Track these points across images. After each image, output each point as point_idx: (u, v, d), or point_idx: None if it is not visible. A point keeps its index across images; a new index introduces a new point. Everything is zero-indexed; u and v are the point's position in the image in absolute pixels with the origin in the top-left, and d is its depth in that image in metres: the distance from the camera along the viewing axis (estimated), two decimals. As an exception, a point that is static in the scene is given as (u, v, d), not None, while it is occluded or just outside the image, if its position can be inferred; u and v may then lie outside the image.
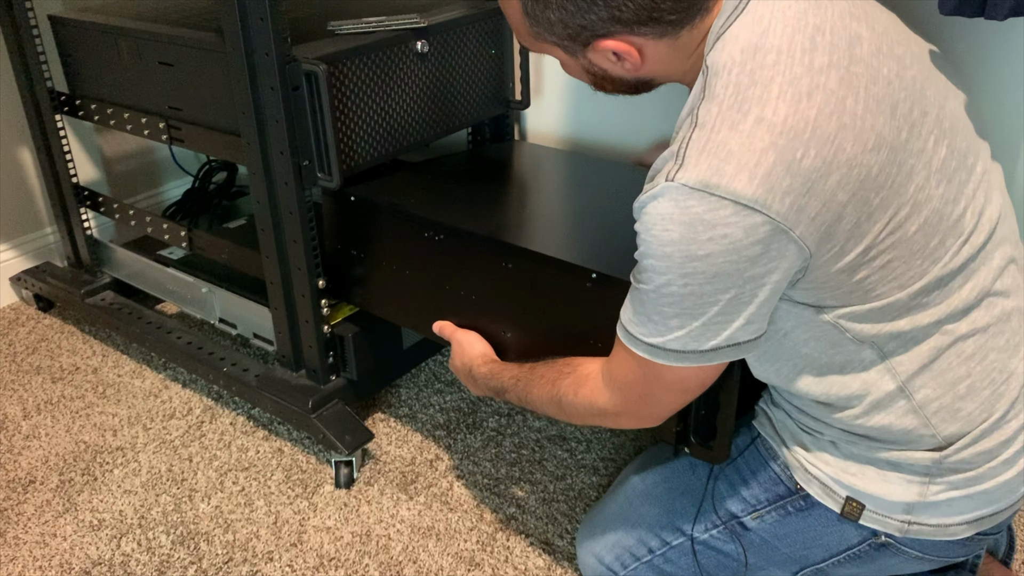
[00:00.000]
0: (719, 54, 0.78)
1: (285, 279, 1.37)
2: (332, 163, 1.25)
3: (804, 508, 0.96)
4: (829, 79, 0.75)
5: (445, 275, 1.22)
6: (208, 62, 1.30)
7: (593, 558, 1.13)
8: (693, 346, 0.81)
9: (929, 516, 0.90)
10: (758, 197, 0.72)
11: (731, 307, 0.78)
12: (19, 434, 1.54)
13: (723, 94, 0.75)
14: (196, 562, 1.28)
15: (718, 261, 0.75)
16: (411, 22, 1.33)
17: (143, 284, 1.74)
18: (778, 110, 0.73)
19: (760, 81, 0.74)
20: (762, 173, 0.72)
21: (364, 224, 1.29)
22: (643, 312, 0.83)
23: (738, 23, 0.78)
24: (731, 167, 0.73)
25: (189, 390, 1.64)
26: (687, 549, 1.05)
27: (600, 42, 0.82)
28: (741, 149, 0.73)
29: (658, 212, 0.76)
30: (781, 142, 0.72)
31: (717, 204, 0.73)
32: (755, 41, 0.76)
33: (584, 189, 1.34)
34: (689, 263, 0.76)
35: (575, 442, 1.49)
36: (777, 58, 0.75)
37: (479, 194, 1.32)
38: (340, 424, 1.39)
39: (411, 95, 1.36)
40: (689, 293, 0.78)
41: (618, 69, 0.86)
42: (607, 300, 1.04)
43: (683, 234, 0.75)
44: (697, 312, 0.79)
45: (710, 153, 0.74)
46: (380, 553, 1.28)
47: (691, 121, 0.77)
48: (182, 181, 2.14)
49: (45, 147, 1.71)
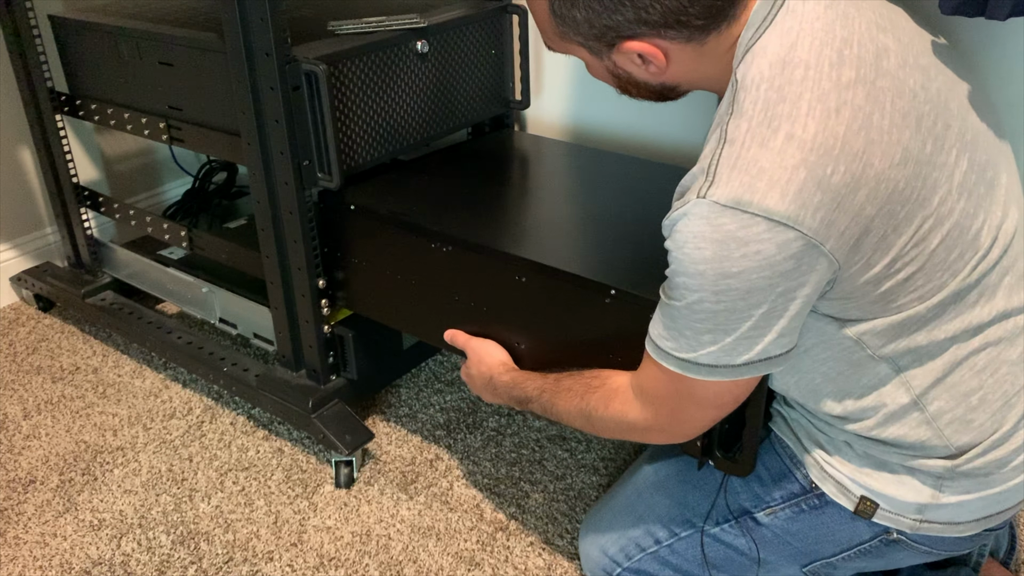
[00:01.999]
0: (748, 68, 0.78)
1: (285, 279, 1.37)
2: (332, 163, 1.25)
3: (818, 506, 0.97)
4: (856, 95, 0.75)
5: (455, 287, 1.20)
6: (208, 62, 1.30)
7: (597, 549, 1.13)
8: (725, 360, 0.81)
9: (941, 515, 0.91)
10: (791, 213, 0.73)
11: (764, 322, 0.78)
12: (19, 434, 1.54)
13: (752, 110, 0.75)
14: (196, 562, 1.28)
15: (752, 277, 0.75)
16: (411, 22, 1.33)
17: (143, 284, 1.74)
18: (807, 127, 0.73)
19: (789, 98, 0.74)
20: (794, 190, 0.73)
21: (366, 235, 1.28)
22: (674, 328, 0.83)
23: (767, 35, 0.78)
24: (763, 184, 0.73)
25: (189, 390, 1.64)
26: (696, 541, 1.05)
27: (625, 43, 0.82)
28: (772, 166, 0.73)
29: (690, 230, 0.76)
30: (812, 159, 0.73)
31: (750, 221, 0.73)
32: (783, 55, 0.76)
33: (593, 187, 1.33)
34: (722, 280, 0.76)
35: (575, 442, 1.49)
36: (805, 73, 0.75)
37: (484, 196, 1.30)
38: (340, 424, 1.39)
39: (411, 95, 1.36)
40: (722, 309, 0.78)
41: (643, 73, 0.86)
42: (626, 317, 1.03)
43: (716, 252, 0.75)
44: (730, 328, 0.79)
45: (741, 170, 0.74)
46: (380, 553, 1.29)
47: (720, 136, 0.77)
48: (182, 181, 2.14)
49: (45, 147, 1.71)
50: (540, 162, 1.46)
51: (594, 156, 1.45)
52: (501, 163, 1.45)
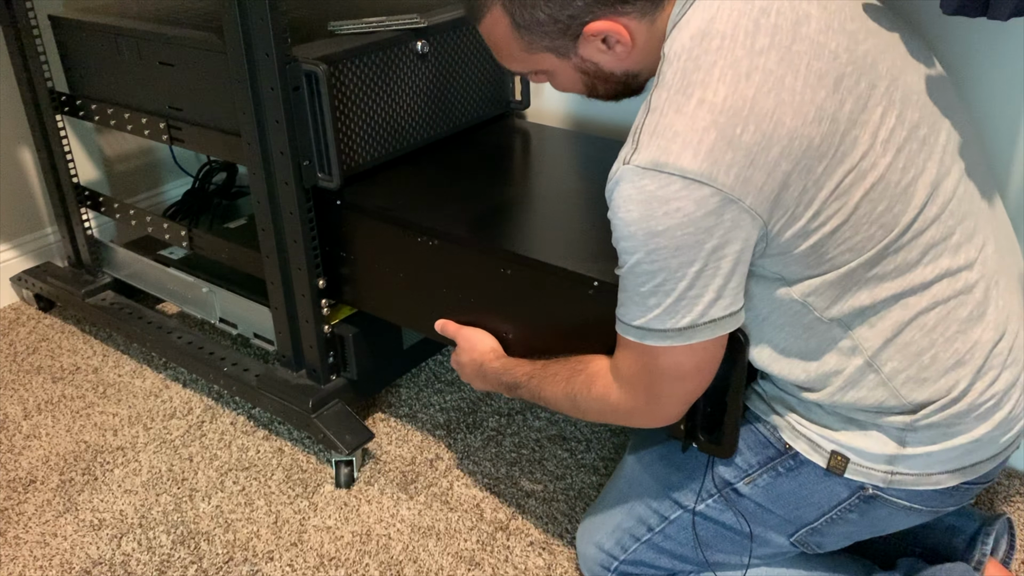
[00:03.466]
0: (672, 43, 0.84)
1: (285, 279, 1.37)
2: (332, 163, 1.25)
3: (793, 467, 0.99)
4: (769, 59, 0.80)
5: (443, 279, 1.21)
6: (208, 62, 1.30)
7: (593, 547, 1.14)
8: (671, 323, 0.85)
9: (911, 466, 0.93)
10: (703, 171, 0.78)
11: (699, 281, 0.83)
12: (20, 434, 1.54)
13: (672, 80, 0.81)
14: (196, 562, 1.28)
15: (677, 235, 0.80)
16: (411, 22, 1.33)
17: (144, 284, 1.74)
18: (718, 91, 0.79)
19: (703, 66, 0.80)
20: (705, 149, 0.78)
21: (363, 233, 1.29)
22: (625, 295, 0.88)
23: (691, 11, 0.84)
24: (677, 146, 0.78)
25: (189, 390, 1.64)
26: (685, 523, 1.07)
27: (588, 26, 0.86)
28: (685, 129, 0.79)
29: (620, 195, 0.82)
30: (721, 120, 0.78)
31: (667, 180, 0.79)
32: (703, 27, 0.82)
33: (586, 178, 1.34)
34: (652, 239, 0.81)
35: (575, 442, 1.49)
36: (721, 43, 0.80)
37: (475, 188, 1.31)
38: (340, 424, 1.40)
39: (411, 95, 1.36)
40: (657, 269, 0.82)
41: (609, 60, 0.90)
42: (609, 308, 1.03)
43: (641, 212, 0.80)
44: (668, 288, 0.83)
45: (658, 135, 0.80)
46: (380, 553, 1.29)
47: (645, 107, 0.83)
48: (182, 181, 2.14)
49: (46, 147, 1.71)
50: (538, 151, 1.47)
51: (594, 145, 1.46)
52: (498, 154, 1.46)
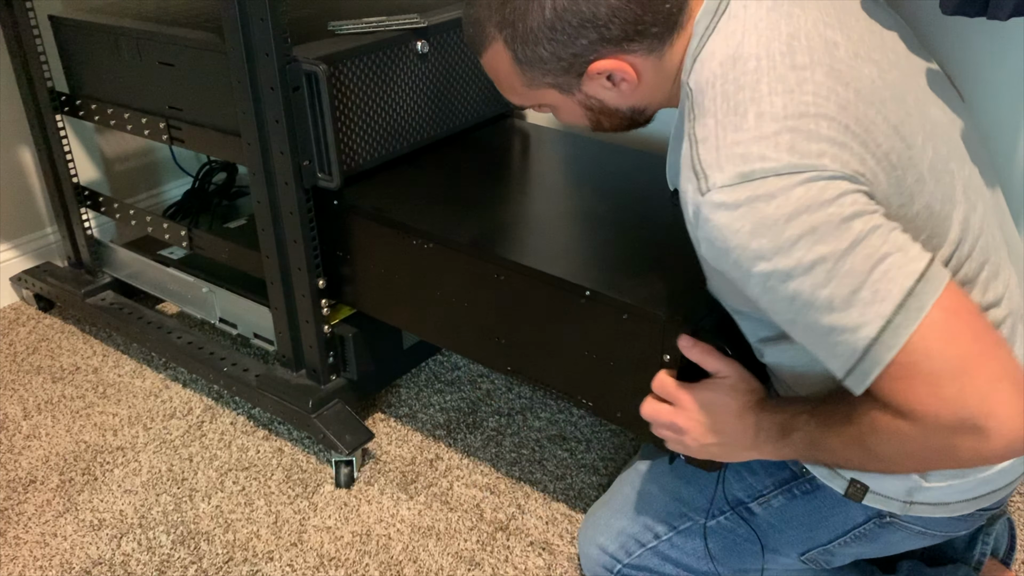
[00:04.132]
0: (698, 74, 0.79)
1: (285, 279, 1.37)
2: (332, 163, 1.25)
3: (809, 491, 0.97)
4: (815, 73, 0.75)
5: (438, 283, 1.21)
6: (208, 62, 1.30)
7: (596, 548, 1.14)
8: (887, 308, 0.69)
9: (929, 497, 0.91)
10: (794, 163, 0.71)
11: (866, 247, 0.70)
12: (19, 434, 1.54)
13: (713, 107, 0.76)
14: (196, 562, 1.28)
15: (804, 218, 0.70)
16: (411, 22, 1.33)
17: (143, 284, 1.74)
18: (774, 103, 0.73)
19: (747, 85, 0.75)
20: (785, 148, 0.71)
21: (362, 233, 1.29)
22: (820, 333, 0.73)
23: (711, 41, 0.80)
24: (754, 153, 0.72)
25: (189, 390, 1.64)
26: (695, 533, 1.06)
27: (593, 65, 0.83)
28: (754, 139, 0.72)
29: (717, 226, 0.73)
30: (790, 123, 0.72)
31: (761, 183, 0.71)
32: (732, 53, 0.78)
33: (584, 181, 1.34)
34: (782, 237, 0.70)
35: (575, 442, 1.49)
36: (758, 64, 0.76)
37: (473, 190, 1.31)
38: (340, 424, 1.39)
39: (411, 95, 1.36)
40: (811, 263, 0.70)
41: (614, 96, 0.87)
42: (600, 317, 1.04)
43: (754, 220, 0.71)
44: (842, 274, 0.70)
45: (727, 154, 0.73)
46: (380, 553, 1.29)
47: (689, 142, 0.77)
48: (182, 181, 2.14)
49: (45, 147, 1.71)
50: (538, 153, 1.47)
51: (593, 148, 1.46)
52: (498, 155, 1.46)
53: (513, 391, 1.61)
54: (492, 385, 1.63)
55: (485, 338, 1.19)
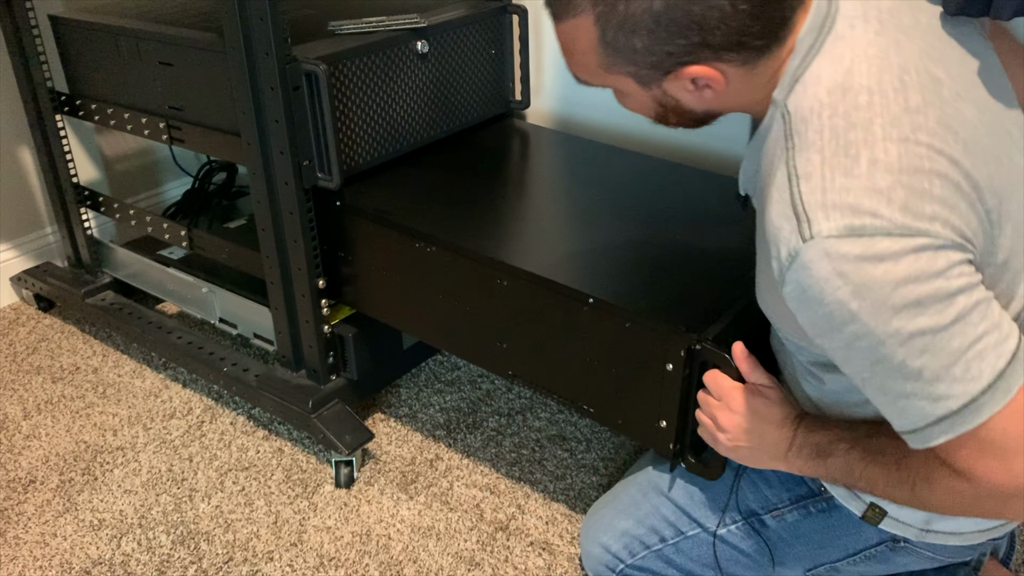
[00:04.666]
0: (800, 98, 0.75)
1: (285, 279, 1.37)
2: (332, 163, 1.25)
3: (825, 509, 0.96)
4: (928, 119, 0.71)
5: (439, 285, 1.21)
6: (208, 62, 1.30)
7: (599, 546, 1.13)
8: (974, 388, 0.70)
9: (946, 526, 0.91)
10: (907, 224, 0.68)
11: (966, 327, 0.69)
12: (19, 434, 1.54)
13: (820, 141, 0.72)
14: (196, 562, 1.28)
15: (909, 289, 0.68)
16: (411, 22, 1.33)
17: (143, 284, 1.74)
18: (889, 151, 0.70)
19: (859, 124, 0.71)
20: (899, 205, 0.68)
21: (354, 230, 1.29)
22: (891, 398, 0.73)
23: (817, 62, 0.75)
24: (866, 206, 0.68)
25: (189, 390, 1.64)
26: (702, 541, 1.05)
27: (685, 69, 0.77)
28: (866, 190, 0.69)
29: (816, 277, 0.70)
30: (904, 179, 0.69)
31: (871, 241, 0.68)
32: (840, 81, 0.73)
33: (587, 184, 1.34)
34: (883, 306, 0.68)
35: (575, 442, 1.49)
36: (870, 99, 0.72)
37: (478, 194, 1.31)
38: (340, 424, 1.39)
39: (411, 95, 1.36)
40: (908, 336, 0.69)
41: (693, 99, 0.81)
42: (603, 325, 1.03)
43: (857, 282, 0.68)
44: (937, 350, 0.69)
45: (836, 201, 0.69)
46: (380, 553, 1.29)
47: (788, 173, 0.73)
48: (182, 181, 2.14)
49: (45, 147, 1.71)
50: (537, 154, 1.47)
51: (595, 151, 1.46)
52: (498, 156, 1.46)
53: (513, 391, 1.61)
54: (492, 385, 1.63)
55: (486, 342, 1.19)
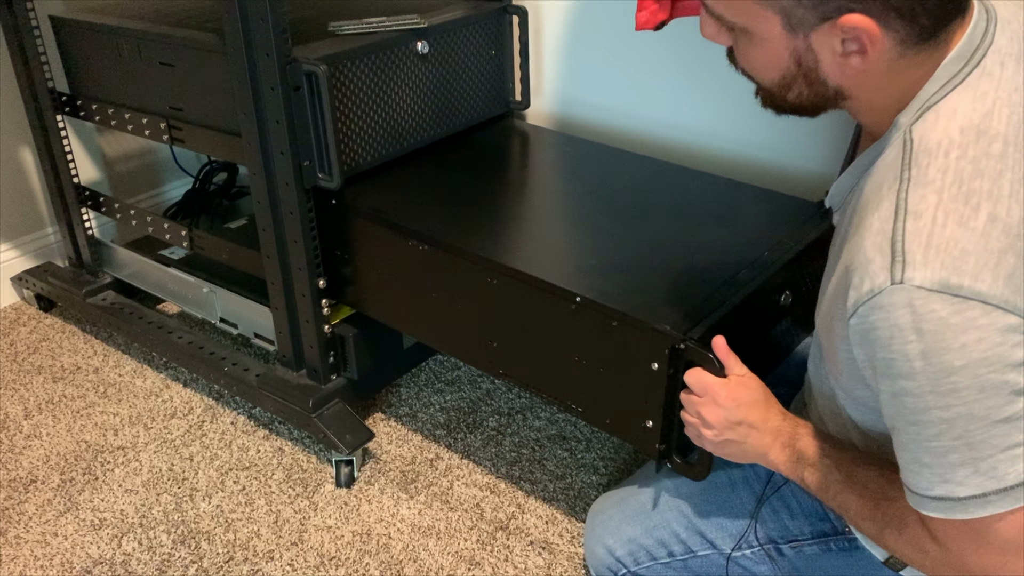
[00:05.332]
0: (930, 129, 0.70)
1: (286, 279, 1.38)
2: (332, 163, 1.25)
3: (846, 548, 0.95)
4: None
5: (433, 284, 1.21)
6: (209, 62, 1.30)
7: (603, 548, 1.12)
8: (992, 486, 0.68)
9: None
10: (1007, 297, 0.64)
11: (1013, 427, 0.66)
12: (20, 433, 1.54)
13: (941, 181, 0.67)
14: (197, 561, 1.28)
15: (980, 372, 0.65)
16: (411, 23, 1.33)
17: (144, 284, 1.74)
18: (1012, 210, 0.66)
19: (987, 174, 0.67)
20: (1005, 273, 0.64)
21: (354, 230, 1.29)
22: (914, 457, 0.71)
23: (956, 95, 0.70)
24: (970, 266, 0.64)
25: (190, 390, 1.65)
26: (712, 562, 1.04)
27: (849, 16, 0.69)
28: (977, 248, 0.65)
29: (892, 323, 0.66)
30: (1019, 244, 0.65)
31: (963, 305, 0.64)
32: (976, 122, 0.69)
33: (582, 184, 1.34)
34: (946, 378, 0.65)
35: (575, 441, 1.49)
36: (1004, 149, 0.68)
37: (472, 191, 1.32)
38: (341, 423, 1.40)
39: (412, 96, 1.36)
40: (956, 417, 0.66)
41: (833, 66, 0.74)
42: (590, 324, 1.04)
43: (931, 344, 0.65)
44: (975, 440, 0.67)
45: (940, 249, 0.65)
46: (380, 552, 1.29)
47: (896, 205, 0.69)
48: (183, 181, 2.14)
49: (46, 147, 1.71)
50: (537, 155, 1.47)
51: (592, 151, 1.46)
52: (497, 156, 1.46)
53: (513, 391, 1.62)
54: (492, 385, 1.63)
55: (477, 341, 1.19)
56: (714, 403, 0.93)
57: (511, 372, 1.18)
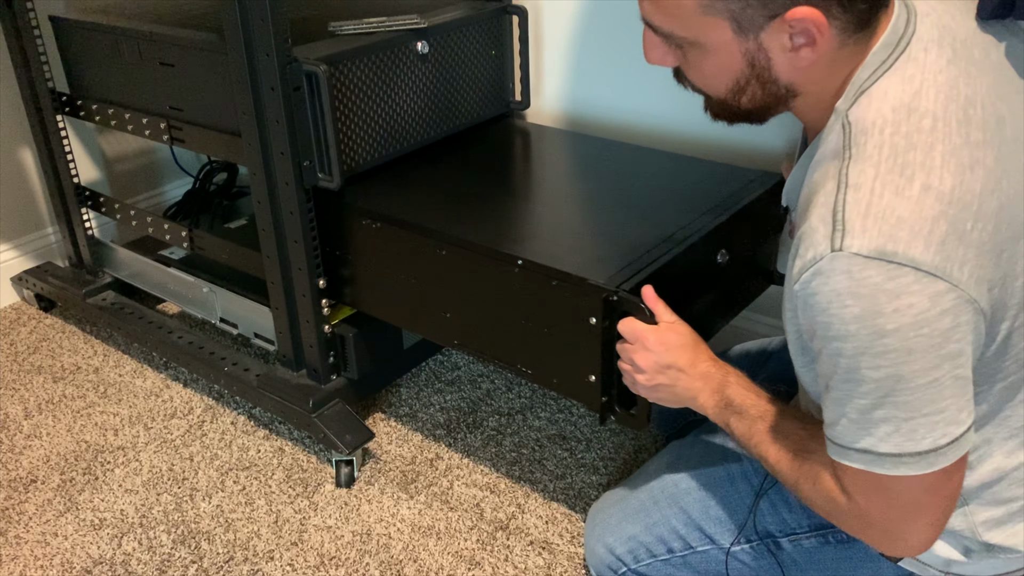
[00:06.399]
0: (864, 111, 0.74)
1: (286, 279, 1.38)
2: (333, 164, 1.25)
3: (845, 541, 0.96)
4: (987, 156, 0.72)
5: (386, 259, 1.26)
6: (209, 63, 1.30)
7: (603, 547, 1.12)
8: (908, 447, 0.73)
9: (966, 570, 0.91)
10: (938, 264, 0.68)
11: (936, 392, 0.71)
12: (20, 433, 1.54)
13: (878, 155, 0.71)
14: (197, 561, 1.28)
15: (909, 336, 0.68)
16: (411, 23, 1.33)
17: (144, 284, 1.74)
18: (944, 179, 0.69)
19: (919, 146, 0.71)
20: (936, 241, 0.68)
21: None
22: (839, 409, 0.75)
23: (886, 79, 0.75)
24: (904, 233, 0.68)
25: (190, 390, 1.65)
26: (711, 557, 1.04)
27: (795, 10, 0.72)
28: (912, 216, 0.68)
29: (831, 287, 0.70)
30: (951, 212, 0.69)
31: (897, 272, 0.68)
32: (907, 101, 0.73)
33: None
34: (878, 340, 0.69)
35: (575, 441, 1.49)
36: (934, 124, 0.72)
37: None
38: (341, 423, 1.40)
39: (412, 96, 1.36)
40: (885, 377, 0.71)
41: (785, 63, 0.77)
42: (533, 285, 1.10)
43: (865, 308, 0.69)
44: (900, 400, 0.71)
45: (877, 218, 0.69)
46: (380, 552, 1.29)
47: (839, 181, 0.72)
48: (183, 181, 2.14)
49: (46, 147, 1.71)
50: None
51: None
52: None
53: (513, 391, 1.62)
54: (492, 385, 1.63)
55: (431, 314, 1.22)
56: (644, 348, 0.97)
57: (464, 341, 1.23)
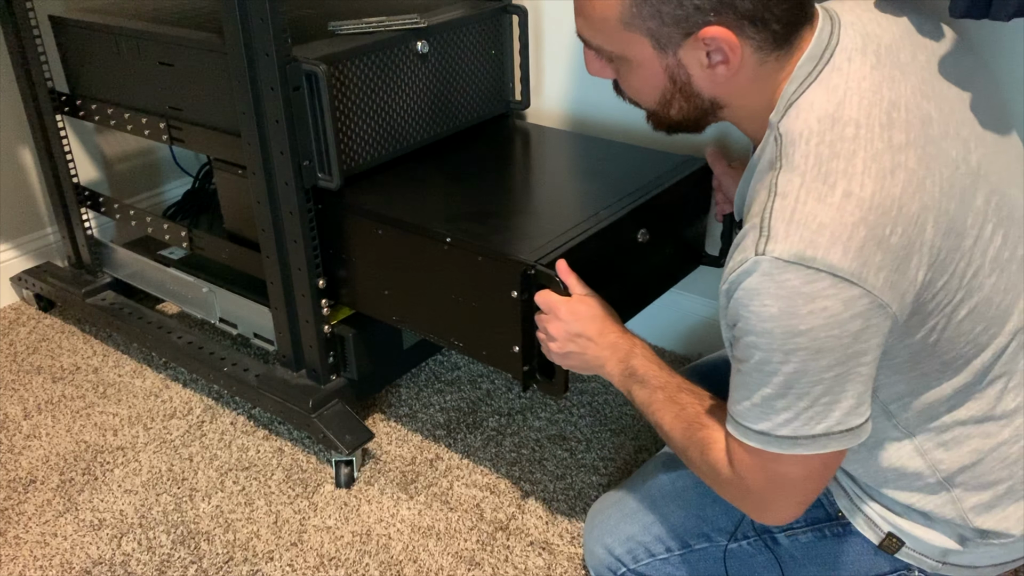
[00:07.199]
0: (793, 122, 0.77)
1: (285, 279, 1.37)
2: (332, 163, 1.25)
3: (841, 534, 0.97)
4: (909, 158, 0.74)
5: (329, 239, 1.31)
6: (208, 62, 1.30)
7: (602, 548, 1.12)
8: (803, 431, 0.78)
9: (963, 560, 0.92)
10: (854, 270, 0.71)
11: (838, 387, 0.76)
12: (20, 434, 1.54)
13: (804, 164, 0.75)
14: (197, 561, 1.28)
15: (820, 336, 0.73)
16: (411, 22, 1.33)
17: (144, 284, 1.74)
18: (865, 185, 0.73)
19: (842, 154, 0.74)
20: (855, 247, 0.71)
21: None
22: (745, 393, 0.81)
23: (812, 90, 0.78)
24: (824, 239, 0.71)
25: (190, 390, 1.65)
26: (709, 555, 1.05)
27: (707, 29, 0.77)
28: (832, 222, 0.72)
29: (753, 288, 0.74)
30: (871, 218, 0.72)
31: (814, 276, 0.72)
32: (831, 111, 0.76)
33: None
34: (791, 339, 0.74)
35: (575, 442, 1.49)
36: (856, 131, 0.75)
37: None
38: (340, 424, 1.40)
39: (411, 95, 1.36)
40: (792, 371, 0.75)
41: (704, 77, 0.82)
42: (461, 262, 1.15)
43: (782, 308, 0.73)
44: (801, 391, 0.76)
45: (799, 224, 0.73)
46: (380, 552, 1.29)
47: (770, 190, 0.76)
48: (182, 181, 2.14)
49: (46, 147, 1.71)
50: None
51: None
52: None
53: (513, 391, 1.62)
54: (492, 385, 1.63)
55: (370, 291, 1.28)
56: (556, 318, 1.03)
57: (404, 317, 1.29)
